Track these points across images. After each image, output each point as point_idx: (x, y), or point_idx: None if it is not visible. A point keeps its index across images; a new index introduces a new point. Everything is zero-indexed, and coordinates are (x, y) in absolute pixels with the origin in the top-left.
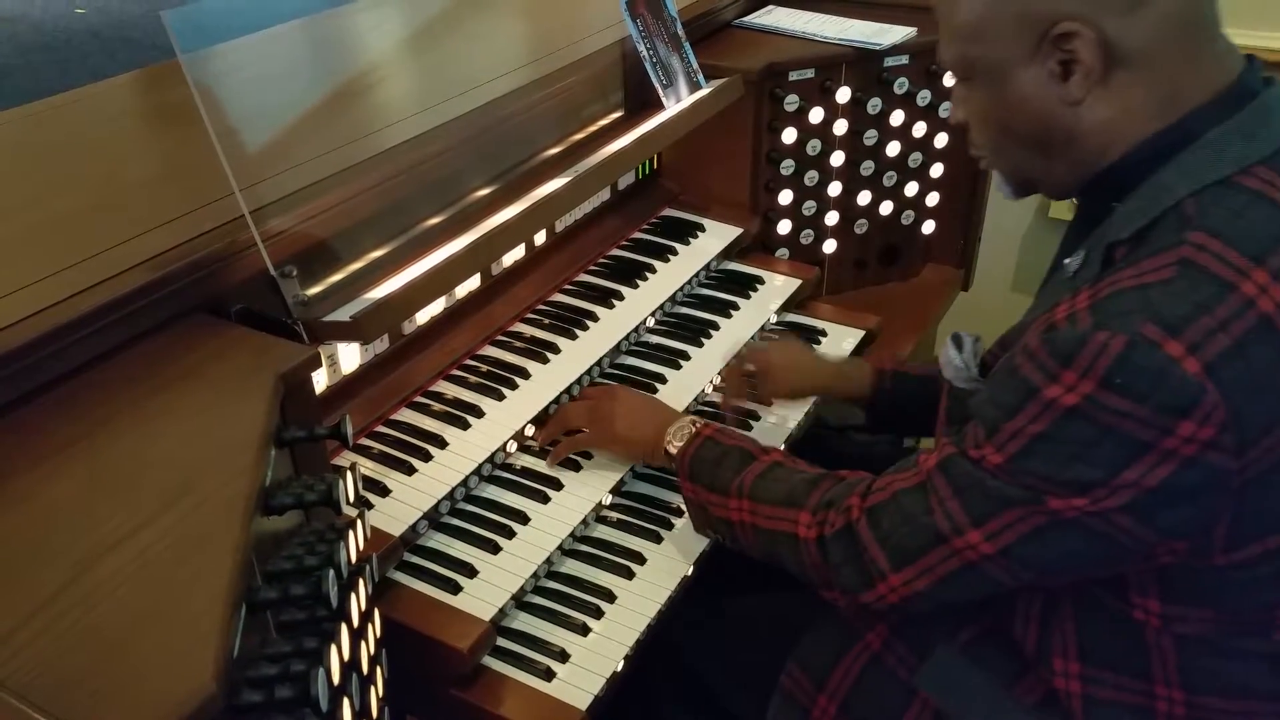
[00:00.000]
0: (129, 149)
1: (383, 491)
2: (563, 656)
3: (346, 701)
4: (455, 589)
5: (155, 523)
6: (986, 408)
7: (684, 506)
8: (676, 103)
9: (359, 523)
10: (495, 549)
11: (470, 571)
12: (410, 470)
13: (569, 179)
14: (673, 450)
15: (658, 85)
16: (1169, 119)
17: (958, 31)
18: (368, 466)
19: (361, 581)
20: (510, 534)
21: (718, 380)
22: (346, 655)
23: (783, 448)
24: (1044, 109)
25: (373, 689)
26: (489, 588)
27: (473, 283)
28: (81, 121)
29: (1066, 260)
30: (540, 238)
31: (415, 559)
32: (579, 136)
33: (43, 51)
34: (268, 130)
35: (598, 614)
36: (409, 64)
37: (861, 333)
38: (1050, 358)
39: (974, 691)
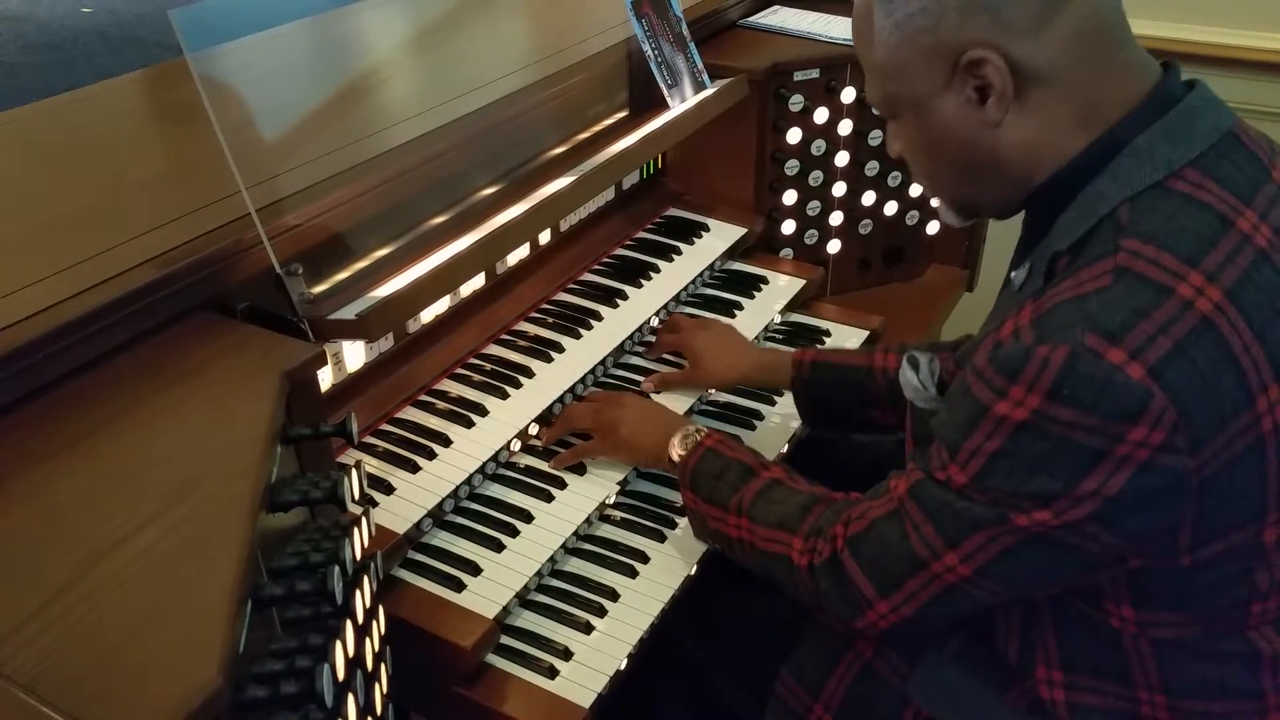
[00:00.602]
0: (135, 148)
1: (387, 489)
2: (566, 654)
3: (351, 698)
4: (459, 587)
5: (160, 520)
6: (946, 428)
7: None
8: (681, 102)
9: (364, 520)
10: (499, 547)
11: (474, 569)
12: (414, 468)
13: (574, 178)
14: (675, 458)
15: (663, 85)
16: (1096, 131)
17: (878, 71)
18: (372, 464)
19: (366, 578)
20: (514, 532)
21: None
22: (351, 652)
23: (786, 449)
24: (967, 135)
25: (377, 686)
26: (493, 585)
27: (477, 281)
28: (87, 120)
29: (1013, 274)
30: (545, 237)
31: (419, 556)
32: (584, 136)
33: (49, 50)
34: (274, 128)
35: (601, 612)
36: (415, 63)
37: (865, 333)
38: (997, 375)
39: (965, 698)
